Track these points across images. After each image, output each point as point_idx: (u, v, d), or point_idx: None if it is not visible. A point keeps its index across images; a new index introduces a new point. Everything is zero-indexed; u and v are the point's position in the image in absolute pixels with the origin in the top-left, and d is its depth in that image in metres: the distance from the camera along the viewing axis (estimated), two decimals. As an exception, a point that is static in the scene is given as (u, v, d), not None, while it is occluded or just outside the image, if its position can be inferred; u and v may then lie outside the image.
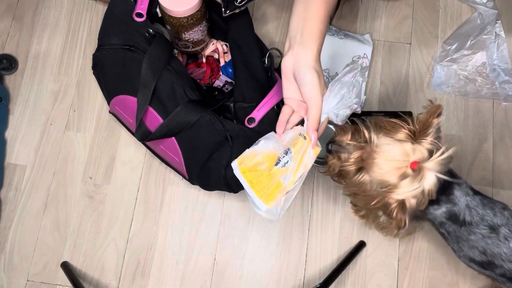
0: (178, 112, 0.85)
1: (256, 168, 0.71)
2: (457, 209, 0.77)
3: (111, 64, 0.91)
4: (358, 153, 0.72)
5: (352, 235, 1.04)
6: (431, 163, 0.65)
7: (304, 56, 0.69)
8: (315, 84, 0.68)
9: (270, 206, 0.68)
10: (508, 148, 1.10)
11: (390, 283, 1.02)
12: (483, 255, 0.78)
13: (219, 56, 1.07)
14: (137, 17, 0.87)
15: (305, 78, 0.68)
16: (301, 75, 0.69)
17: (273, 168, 0.70)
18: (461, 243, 0.80)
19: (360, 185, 0.72)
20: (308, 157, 0.71)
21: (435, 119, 0.68)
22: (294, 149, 0.71)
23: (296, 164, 0.70)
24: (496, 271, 0.78)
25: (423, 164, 0.66)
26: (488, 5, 1.15)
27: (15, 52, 1.17)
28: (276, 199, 0.69)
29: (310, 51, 0.69)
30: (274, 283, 1.02)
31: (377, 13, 1.19)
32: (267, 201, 0.69)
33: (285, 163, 0.70)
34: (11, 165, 1.10)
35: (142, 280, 1.03)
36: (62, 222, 1.07)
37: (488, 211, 0.77)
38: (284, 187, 0.69)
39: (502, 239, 0.75)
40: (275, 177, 0.70)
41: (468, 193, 0.78)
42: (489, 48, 1.13)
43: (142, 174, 1.09)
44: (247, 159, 0.72)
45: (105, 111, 1.12)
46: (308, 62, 0.69)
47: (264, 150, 0.71)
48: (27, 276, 1.04)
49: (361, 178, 0.71)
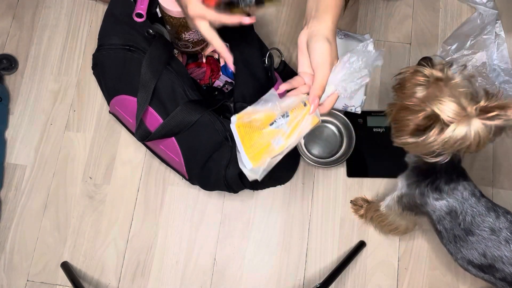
0: (178, 112, 0.85)
1: (251, 124, 0.70)
2: (458, 206, 0.77)
3: (111, 64, 0.91)
4: (439, 73, 0.70)
5: (352, 235, 1.04)
6: (477, 121, 0.63)
7: (318, 28, 0.70)
8: (325, 52, 0.68)
9: (255, 165, 0.69)
10: (508, 148, 1.10)
11: (390, 283, 1.02)
12: (483, 258, 0.77)
13: (219, 56, 1.07)
14: (137, 17, 0.87)
15: (315, 46, 0.69)
16: (312, 44, 0.69)
17: (267, 127, 0.69)
18: (458, 243, 0.79)
19: (411, 92, 0.71)
20: (304, 125, 0.69)
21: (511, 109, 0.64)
22: (292, 114, 0.70)
23: (290, 128, 0.69)
24: (497, 275, 0.77)
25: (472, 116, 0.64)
26: (488, 5, 1.15)
27: (15, 52, 1.17)
28: (262, 159, 0.69)
29: (324, 23, 0.70)
30: (274, 283, 1.03)
31: (377, 13, 1.19)
32: (254, 160, 0.69)
33: (279, 125, 0.69)
34: (11, 165, 1.10)
35: (142, 280, 1.03)
36: (62, 222, 1.07)
37: (491, 213, 0.76)
38: (273, 149, 0.69)
39: (503, 242, 0.75)
40: (266, 137, 0.69)
41: (475, 194, 0.77)
42: (489, 48, 1.13)
43: (142, 174, 1.09)
44: (246, 115, 0.72)
45: (105, 111, 1.12)
46: (320, 32, 0.69)
47: (263, 109, 0.71)
48: (27, 276, 1.04)
49: (418, 88, 0.70)
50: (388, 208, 0.91)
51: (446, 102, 0.65)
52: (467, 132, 0.63)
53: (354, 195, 1.06)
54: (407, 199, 0.84)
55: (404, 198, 0.85)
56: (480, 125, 0.63)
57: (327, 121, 1.10)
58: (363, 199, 1.04)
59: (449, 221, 0.79)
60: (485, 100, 0.65)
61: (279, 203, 1.06)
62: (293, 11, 1.19)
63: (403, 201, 0.85)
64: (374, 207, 0.97)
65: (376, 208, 0.95)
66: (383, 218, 0.95)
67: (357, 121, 1.09)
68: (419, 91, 0.70)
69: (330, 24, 0.70)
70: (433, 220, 0.82)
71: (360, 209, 1.03)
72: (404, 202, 0.85)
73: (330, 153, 1.09)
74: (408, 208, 0.86)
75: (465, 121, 0.63)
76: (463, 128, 0.63)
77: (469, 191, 0.77)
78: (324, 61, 0.68)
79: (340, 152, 1.08)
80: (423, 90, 0.70)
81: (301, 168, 1.08)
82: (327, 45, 0.68)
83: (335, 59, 0.70)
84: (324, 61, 0.68)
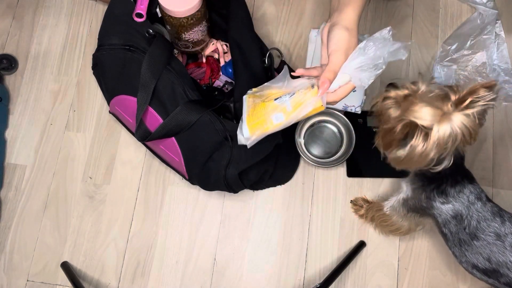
0: (178, 112, 0.85)
1: (259, 96, 0.74)
2: (464, 210, 0.77)
3: (111, 64, 0.91)
4: (405, 91, 0.71)
5: (352, 235, 1.04)
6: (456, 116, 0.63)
7: (339, 18, 0.70)
8: (342, 39, 0.68)
9: (251, 134, 0.72)
10: (508, 148, 1.09)
11: (390, 283, 1.02)
12: (487, 262, 0.77)
13: (219, 56, 1.07)
14: (137, 17, 0.87)
15: (333, 34, 0.69)
16: (331, 32, 0.70)
17: (272, 101, 0.72)
18: (463, 247, 0.79)
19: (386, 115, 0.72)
20: (307, 105, 0.70)
21: (482, 89, 0.64)
22: (298, 93, 0.71)
23: (292, 107, 0.70)
24: (501, 280, 0.77)
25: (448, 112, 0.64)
26: (488, 5, 1.15)
27: (15, 52, 1.17)
28: (258, 130, 0.71)
29: (345, 14, 0.70)
30: (274, 283, 1.02)
31: (377, 13, 1.18)
32: (251, 129, 0.72)
33: (283, 101, 0.71)
34: (11, 165, 1.10)
35: (142, 280, 1.03)
36: (62, 222, 1.07)
37: (497, 218, 0.76)
38: (271, 122, 0.71)
39: (508, 247, 0.74)
40: (268, 109, 0.72)
41: (481, 198, 0.77)
42: (489, 48, 1.13)
43: (142, 174, 1.09)
44: (259, 89, 0.76)
45: (105, 111, 1.12)
46: (341, 22, 0.70)
47: (274, 86, 0.74)
48: (27, 276, 1.04)
49: (391, 110, 0.71)
50: (392, 209, 0.91)
51: (420, 109, 0.65)
52: (452, 128, 0.63)
53: (354, 195, 1.06)
54: (413, 202, 0.84)
55: (409, 201, 0.85)
56: (461, 117, 0.63)
57: (327, 121, 1.10)
58: (363, 199, 1.04)
59: (455, 225, 0.79)
60: (454, 94, 0.66)
61: (279, 203, 1.06)
62: (293, 11, 1.19)
63: (409, 203, 0.85)
64: (376, 207, 0.97)
65: (378, 208, 0.95)
66: (386, 219, 0.94)
67: (357, 121, 1.09)
68: (393, 113, 0.71)
69: (351, 15, 0.71)
70: (438, 223, 0.82)
71: (360, 209, 1.03)
72: (410, 204, 0.85)
73: (330, 153, 1.09)
74: (414, 210, 0.86)
75: (445, 119, 0.63)
76: (446, 126, 0.63)
77: (475, 195, 0.77)
78: (340, 47, 0.68)
79: (340, 152, 1.08)
80: (396, 110, 0.71)
81: (301, 168, 1.08)
82: (346, 33, 0.69)
83: (352, 47, 0.70)
84: (340, 48, 0.68)
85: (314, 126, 1.10)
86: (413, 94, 0.69)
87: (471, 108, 0.64)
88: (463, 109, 0.64)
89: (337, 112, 1.08)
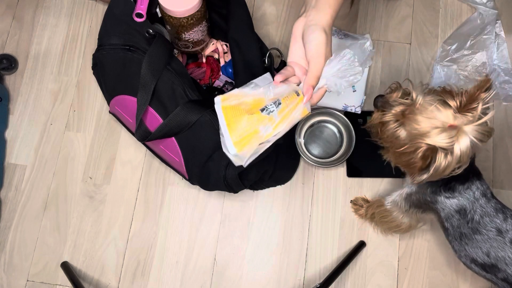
0: (178, 112, 0.85)
1: (240, 108, 0.68)
2: (468, 205, 0.77)
3: (111, 64, 0.91)
4: (401, 107, 0.71)
5: (352, 235, 1.04)
6: (469, 127, 0.65)
7: (316, 18, 0.69)
8: (321, 43, 0.68)
9: (239, 151, 0.67)
10: (508, 148, 1.10)
11: (390, 283, 1.02)
12: (486, 257, 0.77)
13: (219, 56, 1.07)
14: (137, 17, 0.87)
15: (312, 36, 0.68)
16: (309, 33, 0.68)
17: (258, 112, 0.67)
18: (464, 240, 0.79)
19: (394, 139, 0.72)
20: (295, 115, 0.69)
21: (482, 93, 0.66)
22: (284, 102, 0.69)
23: (280, 117, 0.68)
24: (499, 275, 0.78)
25: (461, 126, 0.66)
26: (488, 5, 1.15)
27: (15, 52, 1.17)
28: (249, 145, 0.67)
29: (323, 15, 0.69)
30: (274, 283, 1.03)
31: (377, 13, 1.19)
32: (239, 146, 0.67)
33: (270, 111, 0.68)
34: (11, 165, 1.10)
35: (142, 280, 1.03)
36: (62, 222, 1.07)
37: (500, 215, 0.77)
38: (261, 136, 0.67)
39: (508, 243, 0.75)
40: (255, 122, 0.67)
41: (486, 195, 0.78)
42: (489, 48, 1.13)
43: (142, 174, 1.09)
44: (232, 97, 0.69)
45: (105, 111, 1.12)
46: (318, 22, 0.69)
47: (253, 93, 0.69)
48: (27, 276, 1.04)
49: (397, 132, 0.71)
50: (394, 203, 0.91)
51: (434, 134, 0.66)
52: (471, 140, 0.65)
53: (354, 195, 1.06)
54: (417, 197, 0.84)
55: (413, 196, 0.85)
56: (475, 127, 0.65)
57: (327, 121, 1.10)
58: (363, 199, 1.04)
59: (458, 219, 0.79)
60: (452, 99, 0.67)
61: (279, 203, 1.06)
62: (293, 11, 1.19)
63: (412, 198, 0.85)
64: (377, 203, 0.97)
65: (379, 204, 0.95)
66: (386, 215, 0.94)
67: (357, 121, 1.09)
68: (400, 134, 0.72)
69: (328, 17, 0.70)
70: (441, 218, 0.82)
71: (360, 208, 1.03)
72: (413, 199, 0.85)
73: (330, 153, 1.09)
74: (416, 206, 0.86)
75: (462, 134, 0.65)
76: (465, 140, 0.65)
77: (481, 191, 0.77)
78: (320, 53, 0.68)
79: (340, 152, 1.08)
80: (401, 129, 0.72)
81: (301, 168, 1.08)
82: (324, 36, 0.68)
83: (329, 52, 0.70)
84: (320, 53, 0.68)
85: (314, 126, 1.10)
86: (412, 110, 0.70)
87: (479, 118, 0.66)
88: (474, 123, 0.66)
89: (337, 112, 1.08)
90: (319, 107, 1.09)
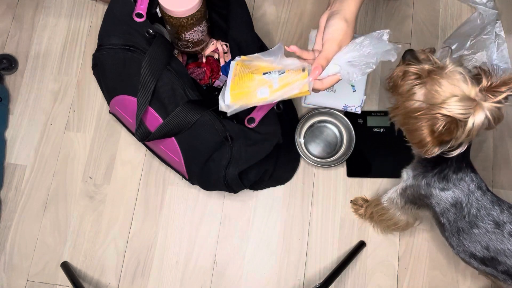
0: (178, 112, 0.85)
1: (249, 66, 0.73)
2: (464, 198, 0.77)
3: (111, 64, 0.91)
4: (429, 66, 0.70)
5: (352, 235, 1.04)
6: (488, 104, 0.65)
7: (340, 8, 0.70)
8: (339, 29, 0.68)
9: (232, 102, 0.71)
10: (508, 148, 1.10)
11: (390, 283, 1.02)
12: (485, 251, 0.77)
13: (219, 56, 1.07)
14: (137, 17, 0.87)
15: (331, 22, 0.69)
16: (330, 21, 0.70)
17: (260, 75, 0.71)
18: (462, 235, 0.79)
19: (409, 94, 0.71)
20: (294, 87, 0.70)
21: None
22: (288, 73, 0.71)
23: (279, 85, 0.70)
24: (499, 268, 0.78)
25: (480, 101, 0.65)
26: (488, 5, 1.15)
27: (15, 52, 1.17)
28: (241, 100, 0.71)
29: (346, 5, 0.70)
30: (274, 283, 1.03)
31: (377, 13, 1.19)
32: (234, 97, 0.71)
33: (272, 77, 0.71)
34: (11, 165, 1.10)
35: (142, 280, 1.03)
36: (62, 222, 1.07)
37: (496, 207, 0.76)
38: (254, 96, 0.71)
39: (506, 235, 0.75)
40: (254, 82, 0.71)
41: (481, 188, 0.77)
42: (489, 48, 1.13)
43: (142, 174, 1.09)
44: (250, 58, 0.74)
45: (105, 111, 1.12)
46: (341, 12, 0.70)
47: (265, 59, 0.73)
48: (27, 276, 1.04)
49: (415, 88, 0.70)
50: (389, 201, 0.91)
51: (452, 101, 0.65)
52: (486, 116, 0.65)
53: (354, 195, 1.06)
54: (412, 191, 0.84)
55: (408, 190, 0.85)
56: (493, 106, 0.65)
57: (327, 121, 1.10)
58: (363, 199, 1.04)
59: (454, 213, 0.79)
60: (486, 79, 0.66)
61: (279, 203, 1.06)
62: (293, 11, 1.19)
63: (407, 193, 0.85)
64: (374, 202, 0.97)
65: (377, 203, 0.95)
66: (383, 213, 0.94)
67: (357, 121, 1.09)
68: (417, 91, 0.71)
69: (352, 7, 0.70)
70: (436, 213, 0.82)
71: (360, 208, 1.03)
72: (408, 194, 0.85)
73: (330, 153, 1.09)
74: (411, 201, 0.86)
75: (479, 108, 0.64)
76: (481, 115, 0.64)
77: (476, 183, 0.77)
78: (336, 37, 0.68)
79: (340, 152, 1.08)
80: (420, 88, 0.70)
81: (301, 168, 1.08)
82: (344, 24, 0.69)
83: (348, 38, 0.70)
84: (335, 38, 0.68)
85: (314, 126, 1.10)
86: (439, 72, 0.68)
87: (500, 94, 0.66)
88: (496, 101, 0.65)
89: (337, 112, 1.08)
90: (319, 107, 1.09)
